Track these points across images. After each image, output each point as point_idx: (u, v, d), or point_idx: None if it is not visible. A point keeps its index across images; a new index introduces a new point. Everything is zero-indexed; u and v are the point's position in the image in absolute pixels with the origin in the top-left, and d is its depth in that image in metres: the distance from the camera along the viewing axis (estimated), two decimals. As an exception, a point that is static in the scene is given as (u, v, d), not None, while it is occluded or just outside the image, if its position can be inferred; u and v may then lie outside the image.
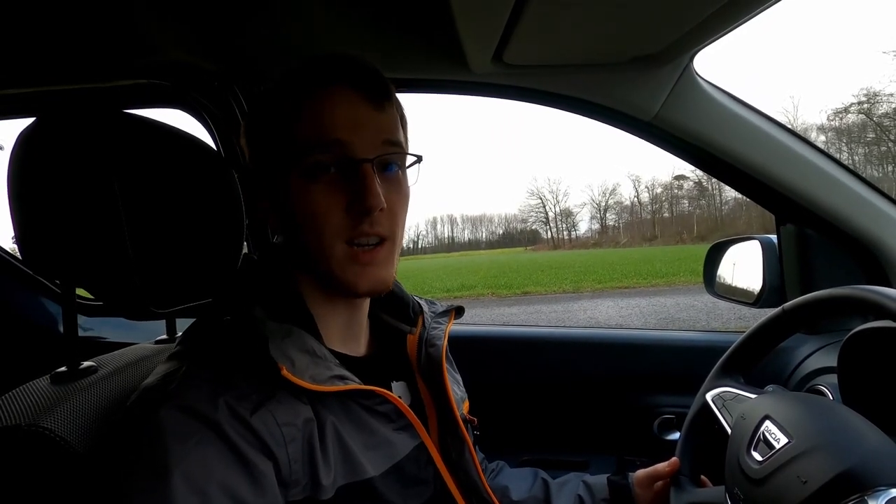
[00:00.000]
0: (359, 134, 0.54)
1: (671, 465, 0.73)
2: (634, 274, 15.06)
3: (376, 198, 0.53)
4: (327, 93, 0.55)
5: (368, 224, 0.54)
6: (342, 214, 0.54)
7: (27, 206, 0.56)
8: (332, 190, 0.54)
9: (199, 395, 0.47)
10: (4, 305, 1.31)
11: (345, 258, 0.55)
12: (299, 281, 0.59)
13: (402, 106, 0.62)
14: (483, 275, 19.50)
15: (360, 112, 0.55)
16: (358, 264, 0.56)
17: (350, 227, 0.54)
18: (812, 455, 0.49)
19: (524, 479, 0.81)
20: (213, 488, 0.43)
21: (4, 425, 0.49)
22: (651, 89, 0.90)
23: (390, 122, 0.58)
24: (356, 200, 0.54)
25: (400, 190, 0.59)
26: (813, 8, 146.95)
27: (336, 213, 0.54)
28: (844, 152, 51.90)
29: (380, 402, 0.56)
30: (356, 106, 0.55)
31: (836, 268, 0.99)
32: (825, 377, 0.88)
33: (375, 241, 0.56)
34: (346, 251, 0.55)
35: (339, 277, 0.56)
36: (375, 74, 0.57)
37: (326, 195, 0.54)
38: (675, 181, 78.48)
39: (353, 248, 0.55)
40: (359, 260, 0.55)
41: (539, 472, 0.83)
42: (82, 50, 0.88)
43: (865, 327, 0.61)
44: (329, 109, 0.54)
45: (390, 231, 0.57)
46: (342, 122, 0.54)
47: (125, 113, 0.59)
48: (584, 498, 0.77)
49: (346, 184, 0.54)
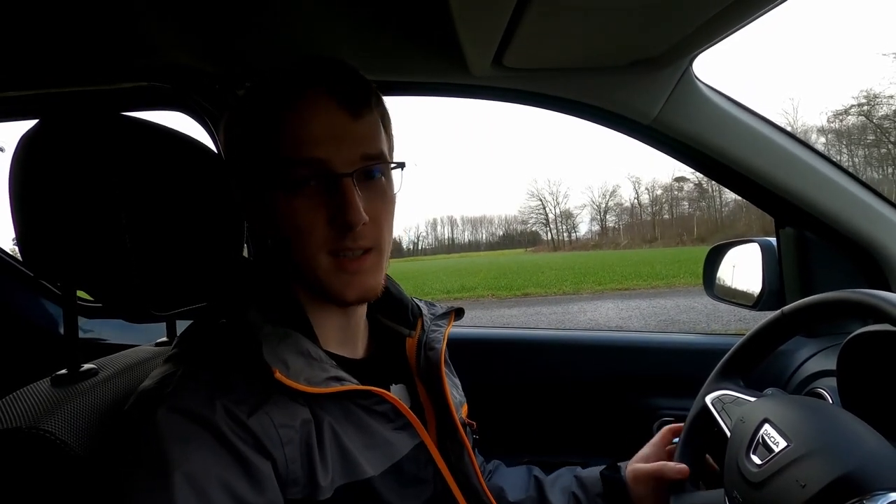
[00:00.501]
0: (337, 147, 0.54)
1: (680, 473, 0.69)
2: (634, 275, 15.06)
3: (357, 213, 0.53)
4: (303, 104, 0.54)
5: (351, 239, 0.55)
6: (325, 227, 0.54)
7: (28, 208, 0.56)
8: (313, 203, 0.54)
9: (196, 397, 0.47)
10: (5, 307, 1.31)
11: (331, 269, 0.55)
12: (294, 286, 0.59)
13: (385, 105, 0.62)
14: (483, 276, 19.50)
15: (338, 122, 0.54)
16: (346, 273, 0.56)
17: (334, 240, 0.55)
18: (811, 459, 0.49)
19: (519, 477, 0.81)
20: (214, 488, 0.43)
21: (5, 428, 0.49)
22: (650, 93, 0.90)
23: (370, 131, 0.57)
24: (337, 216, 0.54)
25: (384, 198, 0.58)
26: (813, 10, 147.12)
27: (319, 227, 0.54)
28: (844, 154, 51.95)
29: (377, 402, 0.56)
30: (332, 116, 0.54)
31: (836, 271, 0.99)
32: (824, 380, 0.88)
33: (360, 252, 0.56)
34: (332, 262, 0.55)
35: (326, 287, 0.56)
36: (353, 78, 0.57)
37: (308, 209, 0.54)
38: (675, 183, 78.55)
39: (338, 258, 0.55)
40: (346, 269, 0.56)
41: (532, 470, 0.82)
42: (84, 52, 0.89)
43: (864, 331, 0.61)
44: (306, 123, 0.54)
45: (375, 242, 0.57)
46: (320, 136, 0.54)
47: (126, 116, 0.59)
48: (579, 495, 0.76)
49: (327, 198, 0.54)
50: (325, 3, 0.78)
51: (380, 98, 0.60)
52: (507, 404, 1.17)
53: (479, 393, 0.86)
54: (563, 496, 0.76)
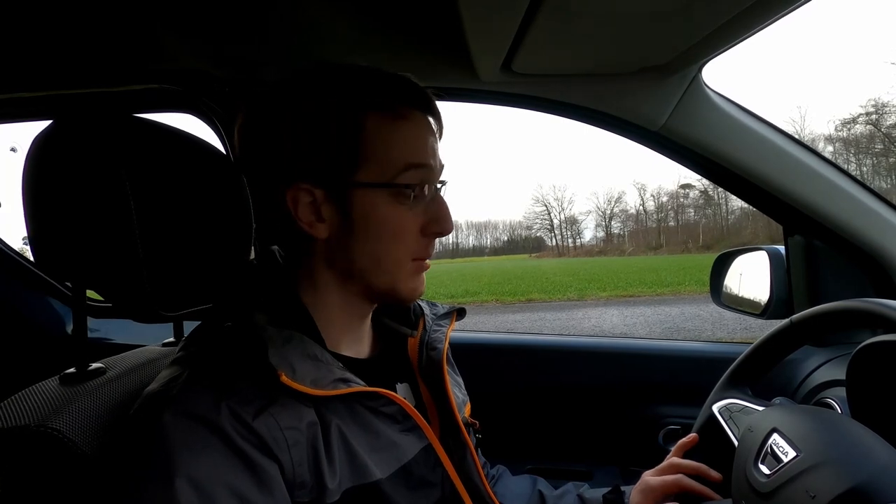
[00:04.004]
0: (436, 160, 0.59)
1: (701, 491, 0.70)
2: (639, 282, 15.00)
3: (451, 223, 0.60)
4: (413, 116, 0.58)
5: (433, 246, 0.61)
6: (417, 235, 0.59)
7: (41, 207, 0.56)
8: (415, 212, 0.58)
9: (202, 400, 0.47)
10: (13, 306, 1.32)
11: (411, 272, 0.60)
12: (308, 285, 0.60)
13: None
14: (487, 281, 19.48)
15: (433, 139, 0.60)
16: (419, 276, 0.61)
17: (422, 248, 0.59)
18: (821, 470, 0.48)
19: (522, 489, 0.81)
20: (221, 491, 0.43)
21: (13, 426, 0.50)
22: (659, 99, 0.90)
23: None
24: (433, 222, 0.59)
25: None
26: (821, 18, 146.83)
27: (414, 234, 0.58)
28: (852, 163, 51.63)
29: (385, 404, 0.56)
30: (432, 133, 0.60)
31: (844, 280, 0.98)
32: (833, 390, 0.88)
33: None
34: (414, 266, 0.60)
35: (401, 289, 0.60)
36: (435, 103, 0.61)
37: (410, 216, 0.58)
38: (680, 190, 78.28)
39: (416, 262, 0.60)
40: (420, 272, 0.61)
41: (537, 484, 0.82)
42: (97, 56, 0.90)
43: (875, 341, 0.60)
44: (418, 133, 0.58)
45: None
46: (429, 148, 0.58)
47: (138, 117, 0.60)
48: None
49: (427, 206, 0.59)
50: (334, 8, 0.78)
51: None
52: (511, 410, 1.16)
53: (482, 398, 0.86)
54: None
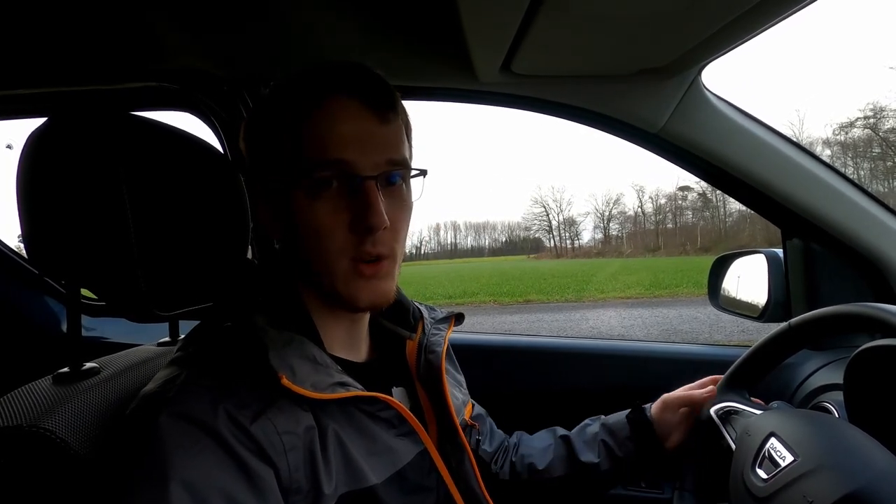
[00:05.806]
0: (363, 150, 0.54)
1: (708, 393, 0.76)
2: (637, 284, 15.02)
3: (379, 217, 0.53)
4: (330, 105, 0.54)
5: (371, 244, 0.54)
6: (346, 232, 0.54)
7: (35, 205, 0.56)
8: (335, 207, 0.54)
9: (199, 402, 0.47)
10: (7, 304, 1.32)
11: (348, 273, 0.55)
12: (301, 289, 0.59)
13: (407, 113, 0.62)
14: (485, 282, 19.47)
15: (364, 126, 0.54)
16: (362, 278, 0.55)
17: (354, 245, 0.54)
18: (819, 474, 0.48)
19: (544, 442, 0.82)
20: (214, 495, 0.43)
21: (5, 426, 0.49)
22: (658, 101, 0.90)
23: (395, 136, 0.57)
24: (359, 219, 0.53)
25: (403, 205, 0.58)
26: (820, 22, 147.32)
27: (340, 231, 0.54)
28: (850, 167, 51.78)
29: (382, 408, 0.56)
30: (360, 119, 0.54)
31: (842, 283, 0.98)
32: (831, 394, 0.87)
33: (376, 258, 0.56)
34: (350, 267, 0.55)
35: (341, 292, 0.56)
36: (380, 83, 0.56)
37: (330, 213, 0.54)
38: (679, 192, 78.38)
39: (355, 263, 0.55)
40: (362, 274, 0.55)
41: (557, 431, 0.84)
42: (94, 53, 0.89)
43: (873, 345, 0.60)
44: (332, 125, 0.53)
45: (391, 249, 0.56)
46: (346, 138, 0.53)
47: (135, 115, 0.59)
48: (608, 441, 0.78)
49: (350, 200, 0.54)
50: (334, 8, 0.78)
51: (403, 106, 0.60)
52: (508, 412, 1.15)
53: (480, 399, 0.86)
54: (593, 445, 0.78)
